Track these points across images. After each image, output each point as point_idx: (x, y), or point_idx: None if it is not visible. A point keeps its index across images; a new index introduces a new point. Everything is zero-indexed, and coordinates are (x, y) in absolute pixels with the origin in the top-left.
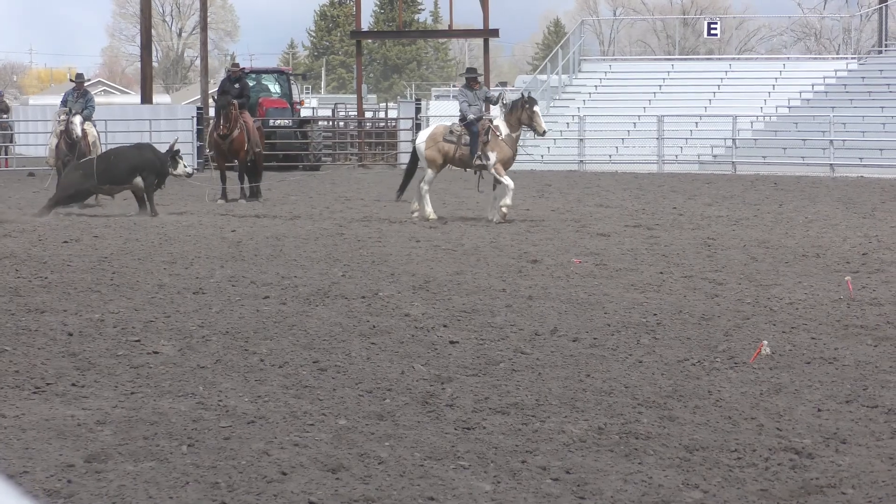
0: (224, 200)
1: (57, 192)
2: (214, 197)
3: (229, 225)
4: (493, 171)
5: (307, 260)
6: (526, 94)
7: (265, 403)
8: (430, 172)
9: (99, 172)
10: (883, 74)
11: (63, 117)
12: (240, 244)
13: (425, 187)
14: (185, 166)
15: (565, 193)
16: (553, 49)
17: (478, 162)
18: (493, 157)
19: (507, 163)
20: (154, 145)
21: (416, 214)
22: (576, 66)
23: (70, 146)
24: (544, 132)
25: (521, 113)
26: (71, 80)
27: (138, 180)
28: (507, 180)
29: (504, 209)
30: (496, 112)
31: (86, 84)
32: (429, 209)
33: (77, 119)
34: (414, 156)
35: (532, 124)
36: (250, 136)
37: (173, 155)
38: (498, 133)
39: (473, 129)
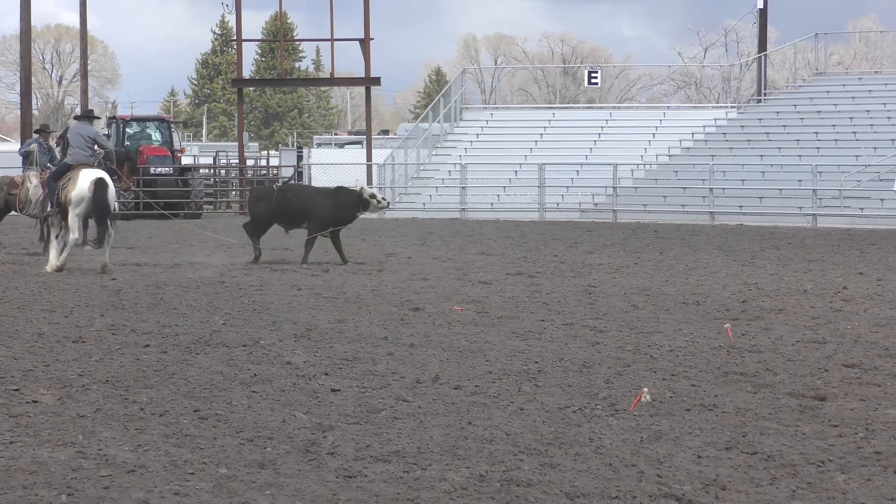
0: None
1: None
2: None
3: (109, 273)
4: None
5: (188, 308)
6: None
7: (145, 452)
8: None
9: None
10: (762, 123)
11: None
12: (120, 292)
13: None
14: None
15: (447, 241)
16: (435, 97)
17: None
18: None
19: None
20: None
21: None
22: (457, 115)
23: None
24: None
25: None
26: (36, 131)
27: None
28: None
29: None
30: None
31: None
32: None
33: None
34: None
35: None
36: None
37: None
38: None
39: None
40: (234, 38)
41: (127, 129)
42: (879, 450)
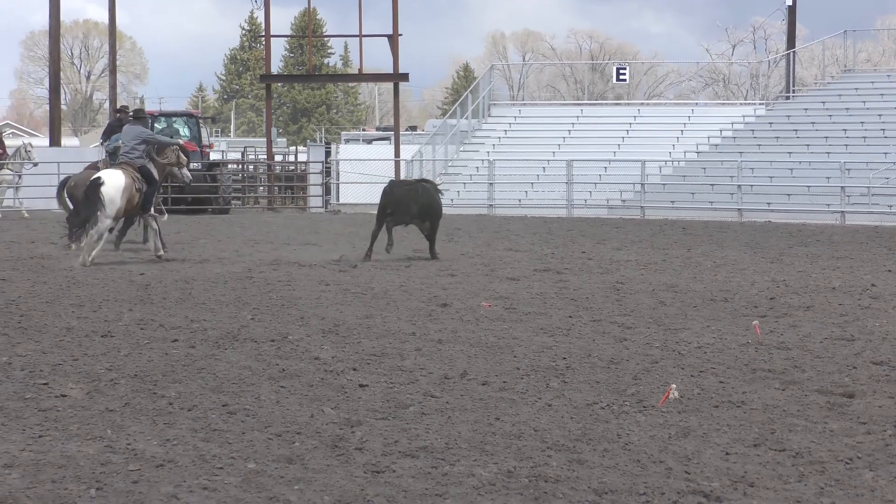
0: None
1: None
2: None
3: (138, 268)
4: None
5: (216, 303)
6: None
7: (174, 447)
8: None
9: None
10: (790, 120)
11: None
12: (148, 287)
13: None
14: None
15: (475, 237)
16: (462, 94)
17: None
18: None
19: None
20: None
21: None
22: (485, 111)
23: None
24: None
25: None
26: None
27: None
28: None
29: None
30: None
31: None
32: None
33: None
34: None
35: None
36: None
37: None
38: None
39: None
40: (263, 33)
41: (155, 125)
42: None
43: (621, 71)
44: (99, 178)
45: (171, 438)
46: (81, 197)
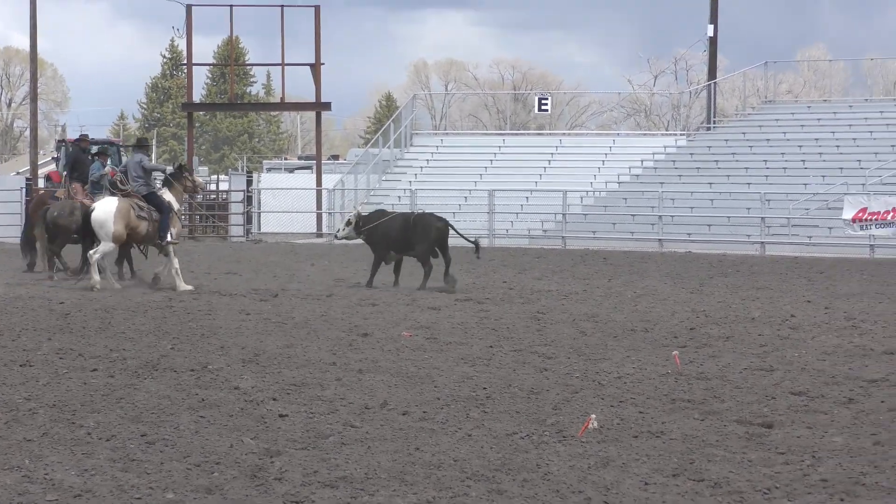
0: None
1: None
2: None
3: (57, 297)
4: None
5: (136, 332)
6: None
7: (92, 477)
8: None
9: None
10: (711, 151)
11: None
12: (68, 316)
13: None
14: None
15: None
16: (385, 123)
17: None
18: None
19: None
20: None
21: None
22: (408, 140)
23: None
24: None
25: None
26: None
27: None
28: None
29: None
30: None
31: None
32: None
33: None
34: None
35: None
36: None
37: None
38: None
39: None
40: (185, 62)
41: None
42: (825, 477)
43: (543, 101)
44: (92, 207)
45: (90, 468)
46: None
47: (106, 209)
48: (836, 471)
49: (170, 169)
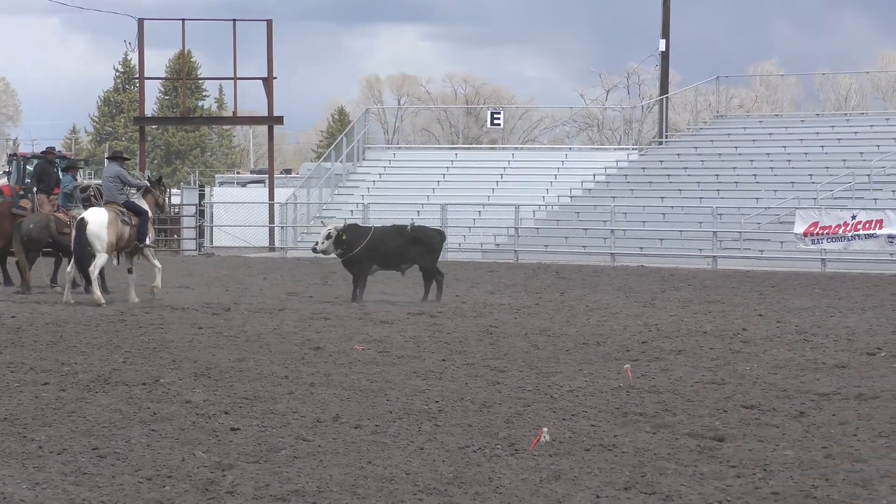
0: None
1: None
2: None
3: (9, 311)
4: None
5: (87, 346)
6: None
7: (43, 490)
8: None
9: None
10: (663, 165)
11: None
12: (19, 330)
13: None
14: None
15: (348, 281)
16: (337, 137)
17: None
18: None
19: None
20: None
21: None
22: (360, 154)
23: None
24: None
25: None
26: (65, 169)
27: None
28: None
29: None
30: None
31: None
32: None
33: None
34: None
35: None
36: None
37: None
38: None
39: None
40: (137, 75)
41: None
42: (777, 490)
43: (496, 115)
44: (83, 219)
45: (41, 482)
46: (72, 241)
47: (99, 221)
48: (788, 484)
49: (145, 184)
